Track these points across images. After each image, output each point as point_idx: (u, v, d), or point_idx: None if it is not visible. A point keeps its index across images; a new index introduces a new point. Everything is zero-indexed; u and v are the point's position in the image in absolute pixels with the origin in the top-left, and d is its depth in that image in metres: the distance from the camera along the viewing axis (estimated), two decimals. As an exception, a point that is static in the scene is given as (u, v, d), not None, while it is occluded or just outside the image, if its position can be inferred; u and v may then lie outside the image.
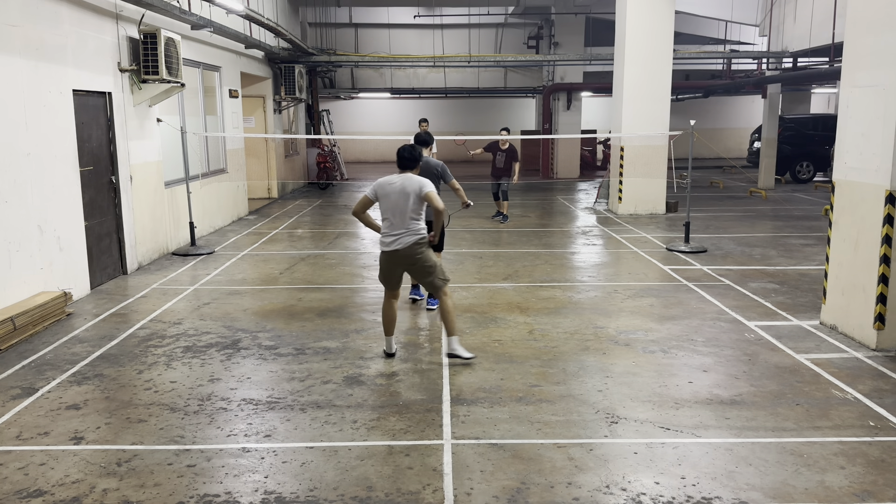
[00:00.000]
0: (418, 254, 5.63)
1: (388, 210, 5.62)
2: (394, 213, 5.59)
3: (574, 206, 15.58)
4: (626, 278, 8.62)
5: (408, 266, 5.72)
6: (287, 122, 18.83)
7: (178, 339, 6.33)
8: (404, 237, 5.59)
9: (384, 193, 5.62)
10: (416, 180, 5.61)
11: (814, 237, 11.20)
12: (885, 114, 5.69)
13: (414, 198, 5.55)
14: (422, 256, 5.65)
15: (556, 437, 4.36)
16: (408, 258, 5.64)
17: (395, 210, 5.57)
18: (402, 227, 5.59)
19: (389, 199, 5.59)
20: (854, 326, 6.16)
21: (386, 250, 5.67)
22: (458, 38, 25.02)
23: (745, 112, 30.29)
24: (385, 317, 5.83)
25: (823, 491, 3.73)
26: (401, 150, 5.71)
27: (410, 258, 5.63)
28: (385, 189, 5.62)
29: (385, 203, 5.63)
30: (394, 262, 5.69)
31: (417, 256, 5.63)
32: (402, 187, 5.57)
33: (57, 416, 4.72)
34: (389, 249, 5.63)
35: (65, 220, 7.43)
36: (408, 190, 5.56)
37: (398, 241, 5.59)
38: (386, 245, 5.66)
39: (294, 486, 3.80)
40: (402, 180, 5.61)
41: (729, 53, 19.80)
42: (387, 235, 5.66)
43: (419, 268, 5.70)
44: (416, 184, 5.58)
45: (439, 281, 5.73)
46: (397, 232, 5.60)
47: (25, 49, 6.76)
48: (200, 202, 11.40)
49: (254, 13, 12.98)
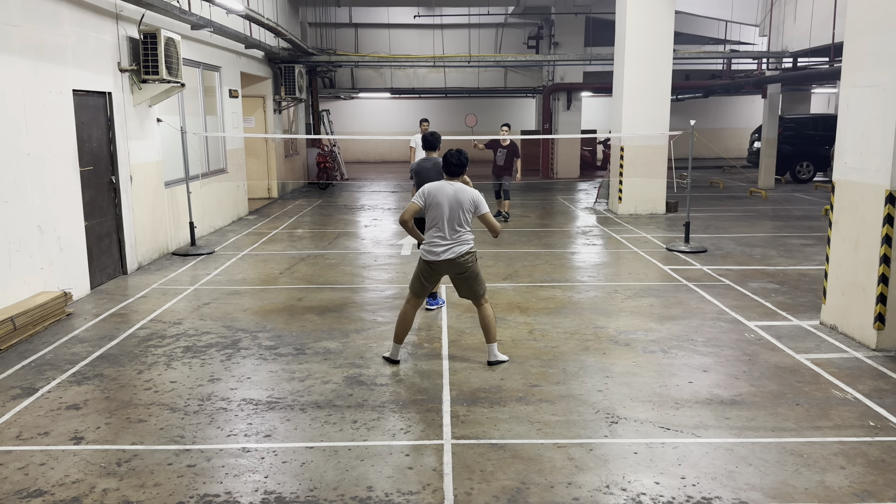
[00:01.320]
0: (469, 263, 5.49)
1: (439, 218, 5.43)
2: (445, 221, 5.41)
3: (574, 206, 15.58)
4: (626, 278, 8.62)
5: (455, 275, 5.55)
6: (287, 122, 18.83)
7: (178, 339, 6.33)
8: (455, 247, 5.43)
9: (435, 202, 5.43)
10: (469, 193, 5.45)
11: (814, 237, 11.20)
12: (885, 114, 5.69)
13: (466, 210, 5.41)
14: (472, 266, 5.52)
15: (556, 437, 4.36)
16: (457, 267, 5.48)
17: (447, 219, 5.40)
18: (454, 237, 5.44)
19: (440, 208, 5.41)
20: (854, 326, 6.16)
21: (434, 259, 5.46)
22: (458, 38, 25.02)
23: (745, 112, 30.29)
24: (403, 323, 5.66)
25: (823, 491, 3.73)
26: (448, 157, 5.55)
27: (460, 267, 5.48)
28: (436, 197, 5.43)
29: (435, 211, 5.44)
30: (439, 272, 5.53)
31: (468, 265, 5.49)
32: (455, 196, 5.41)
33: (57, 416, 4.72)
34: (439, 259, 5.44)
35: (65, 220, 7.43)
36: (461, 200, 5.40)
37: (450, 250, 5.43)
38: (435, 254, 5.45)
39: (294, 486, 3.80)
40: (454, 189, 5.44)
41: (729, 53, 19.80)
42: (435, 244, 5.46)
43: (466, 277, 5.54)
44: (469, 197, 5.43)
45: (482, 290, 5.62)
46: (448, 242, 5.43)
47: (25, 49, 6.76)
48: (200, 202, 11.40)
49: (254, 13, 12.98)
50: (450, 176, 5.57)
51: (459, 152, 5.57)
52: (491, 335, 5.64)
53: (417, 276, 5.63)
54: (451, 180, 5.55)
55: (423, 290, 5.65)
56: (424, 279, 5.60)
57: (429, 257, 5.49)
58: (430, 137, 7.11)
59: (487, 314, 5.61)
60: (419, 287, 5.64)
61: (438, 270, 5.53)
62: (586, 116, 26.20)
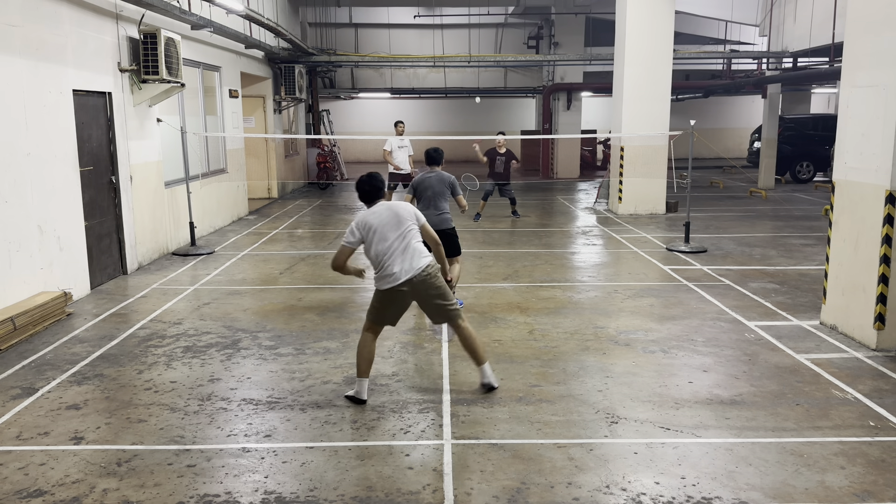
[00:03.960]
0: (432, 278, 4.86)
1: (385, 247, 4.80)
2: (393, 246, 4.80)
3: (574, 206, 15.58)
4: (626, 278, 8.61)
5: (421, 296, 4.89)
6: (287, 122, 18.83)
7: (178, 339, 6.33)
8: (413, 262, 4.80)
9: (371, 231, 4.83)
10: (405, 206, 4.97)
11: (814, 237, 11.20)
12: (885, 114, 5.69)
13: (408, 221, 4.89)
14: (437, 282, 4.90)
15: (556, 437, 4.36)
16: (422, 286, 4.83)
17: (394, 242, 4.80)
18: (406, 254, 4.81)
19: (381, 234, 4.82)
20: (854, 326, 6.16)
21: (392, 286, 4.79)
22: (458, 38, 25.02)
23: (745, 112, 30.29)
24: (365, 355, 4.89)
25: (823, 491, 3.73)
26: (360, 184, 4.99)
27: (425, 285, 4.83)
28: (371, 226, 4.83)
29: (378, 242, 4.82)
30: (403, 298, 4.87)
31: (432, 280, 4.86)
32: (394, 214, 4.87)
33: (57, 416, 4.72)
34: (399, 282, 4.77)
35: (65, 220, 7.43)
36: (400, 215, 4.88)
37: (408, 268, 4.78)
38: (393, 279, 4.77)
39: (294, 486, 3.80)
40: (387, 208, 4.91)
41: (729, 53, 19.80)
42: (390, 270, 4.79)
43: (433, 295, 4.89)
44: (407, 210, 4.94)
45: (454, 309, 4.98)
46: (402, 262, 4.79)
47: (25, 49, 6.76)
48: (200, 202, 11.40)
49: (254, 13, 12.98)
50: (370, 202, 4.98)
51: (370, 177, 4.99)
52: (479, 356, 5.01)
53: (376, 306, 4.94)
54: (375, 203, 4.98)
55: (382, 320, 4.96)
56: (388, 308, 4.92)
57: (387, 285, 4.80)
58: (432, 153, 7.20)
59: (469, 334, 4.97)
60: (378, 316, 4.95)
61: (401, 297, 4.84)
62: (586, 116, 26.21)
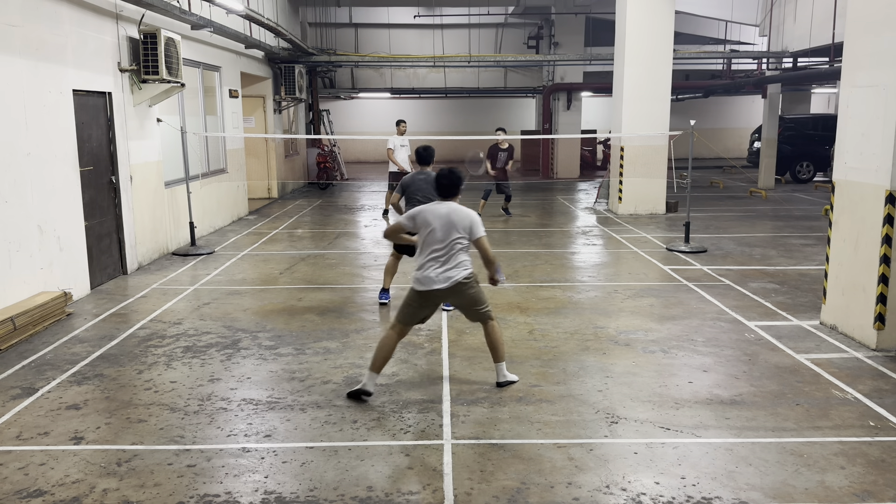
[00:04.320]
0: (469, 289, 4.99)
1: (430, 243, 4.92)
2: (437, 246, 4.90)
3: (574, 206, 15.58)
4: (626, 278, 8.61)
5: (455, 303, 5.09)
6: (287, 122, 18.83)
7: (178, 339, 6.33)
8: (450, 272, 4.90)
9: (425, 223, 4.92)
10: (465, 213, 4.94)
11: (814, 237, 11.20)
12: (885, 114, 5.69)
13: (461, 231, 4.91)
14: (473, 293, 5.03)
15: (556, 437, 4.36)
16: (456, 295, 4.97)
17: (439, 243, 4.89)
18: (448, 262, 4.90)
19: (432, 231, 4.90)
20: (854, 326, 6.16)
21: (425, 289, 4.91)
22: (458, 38, 25.02)
23: (745, 112, 30.28)
24: (384, 352, 4.99)
25: (823, 491, 3.73)
26: (440, 177, 5.04)
27: (460, 295, 4.98)
28: (426, 218, 4.92)
29: (426, 235, 4.93)
30: (433, 301, 4.99)
31: (469, 291, 4.99)
32: (449, 217, 4.90)
33: (57, 416, 4.72)
34: (432, 289, 4.89)
35: (65, 220, 7.43)
36: (454, 221, 4.90)
37: (443, 277, 4.89)
38: (427, 283, 4.89)
39: (294, 486, 3.80)
40: (447, 209, 4.93)
41: (729, 53, 19.80)
42: (428, 272, 4.91)
43: (467, 304, 5.06)
44: (465, 218, 4.92)
45: (487, 311, 5.14)
46: (441, 268, 4.90)
47: (25, 49, 6.76)
48: (200, 202, 11.40)
49: (254, 13, 12.98)
50: (442, 197, 5.06)
51: (451, 172, 5.03)
52: (499, 354, 5.19)
53: (407, 304, 5.04)
54: (443, 200, 5.04)
55: (411, 320, 5.06)
56: (415, 309, 5.02)
57: (420, 287, 4.92)
58: (422, 152, 7.02)
59: (495, 333, 5.17)
60: (408, 316, 5.04)
61: (431, 300, 4.97)
62: (586, 116, 26.20)
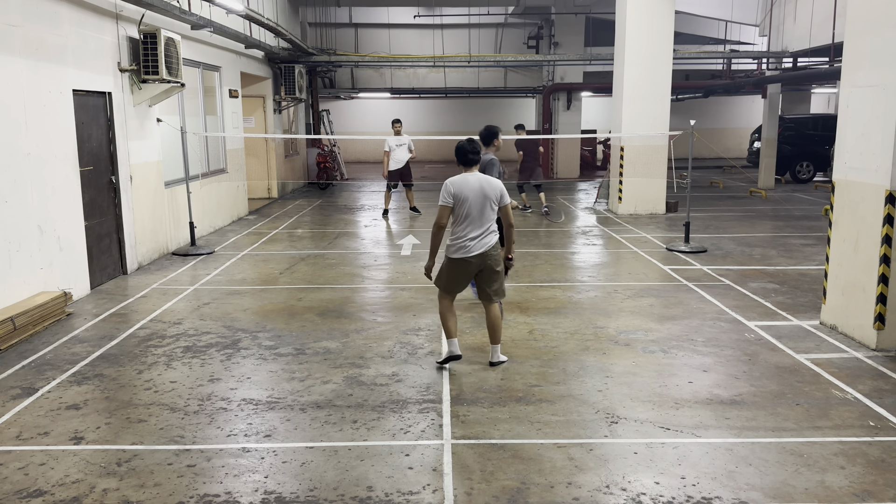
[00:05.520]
0: (497, 254, 5.42)
1: (467, 213, 5.27)
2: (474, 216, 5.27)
3: (574, 206, 15.58)
4: (626, 278, 8.62)
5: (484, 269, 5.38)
6: (287, 122, 18.83)
7: (178, 339, 6.33)
8: (486, 238, 5.32)
9: (462, 197, 5.25)
10: (496, 183, 5.35)
11: (814, 237, 11.20)
12: (885, 114, 5.69)
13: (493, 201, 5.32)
14: (499, 257, 5.46)
15: (556, 437, 4.36)
16: (488, 259, 5.34)
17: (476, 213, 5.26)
18: (483, 230, 5.30)
19: (468, 203, 5.25)
20: (854, 326, 6.16)
21: (465, 256, 5.29)
22: (458, 38, 25.02)
23: (745, 112, 30.29)
24: (449, 318, 5.45)
25: (823, 491, 3.73)
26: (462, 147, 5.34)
27: (491, 259, 5.35)
28: (463, 191, 5.25)
29: (463, 207, 5.26)
30: (472, 268, 5.36)
31: (497, 256, 5.42)
32: (482, 188, 5.26)
33: (57, 416, 4.72)
34: (471, 255, 5.28)
35: (65, 220, 7.43)
36: (487, 191, 5.28)
37: (481, 243, 5.30)
38: (467, 250, 5.28)
39: (294, 486, 3.80)
40: (478, 181, 5.30)
41: (729, 53, 19.79)
42: (466, 241, 5.28)
43: (493, 269, 5.40)
44: (496, 187, 5.32)
45: (503, 286, 5.54)
46: (478, 236, 5.29)
47: (25, 49, 6.76)
48: (200, 202, 11.40)
49: (254, 13, 12.98)
50: (468, 166, 5.36)
51: (471, 140, 5.40)
52: (497, 336, 5.55)
53: (446, 274, 5.45)
54: (470, 170, 5.36)
55: (456, 288, 5.50)
56: (457, 277, 5.42)
57: (460, 254, 5.31)
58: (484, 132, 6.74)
59: (496, 315, 5.51)
60: (451, 285, 5.46)
61: (471, 267, 5.37)
62: (586, 116, 26.20)
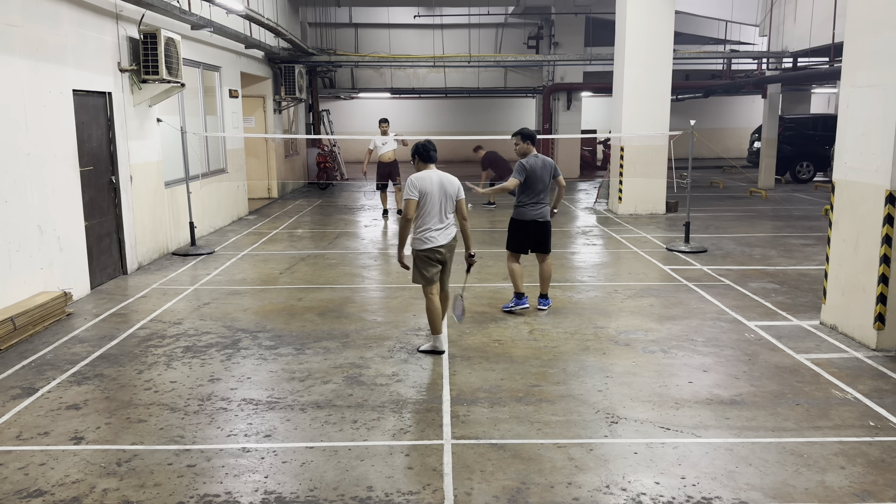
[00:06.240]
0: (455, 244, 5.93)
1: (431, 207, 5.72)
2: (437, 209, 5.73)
3: (574, 206, 15.58)
4: (626, 278, 8.61)
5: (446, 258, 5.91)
6: (287, 122, 18.83)
7: (178, 339, 6.34)
8: (448, 230, 5.82)
9: (426, 192, 5.70)
10: (454, 180, 5.82)
11: (814, 237, 11.20)
12: (885, 114, 5.69)
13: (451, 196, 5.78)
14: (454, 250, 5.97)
15: (556, 437, 4.36)
16: (450, 250, 5.88)
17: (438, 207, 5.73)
18: (444, 222, 5.79)
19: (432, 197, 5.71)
20: (854, 326, 6.16)
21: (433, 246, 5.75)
22: (458, 38, 25.02)
23: (745, 112, 30.28)
24: (436, 312, 5.85)
25: (823, 491, 3.73)
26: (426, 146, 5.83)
27: (451, 250, 5.89)
28: (426, 187, 5.69)
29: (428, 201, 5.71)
30: (439, 257, 5.83)
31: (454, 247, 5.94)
32: (442, 184, 5.73)
33: (57, 416, 4.72)
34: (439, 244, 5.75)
35: (65, 220, 7.43)
36: (446, 187, 5.74)
37: (445, 234, 5.79)
38: (434, 241, 5.74)
39: (294, 486, 3.80)
40: (439, 177, 5.75)
41: (729, 53, 19.79)
42: (432, 232, 5.74)
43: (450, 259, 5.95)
44: (455, 184, 5.81)
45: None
46: (441, 227, 5.77)
47: (25, 49, 6.76)
48: (200, 202, 11.40)
49: (254, 13, 12.98)
50: (428, 163, 5.82)
51: (429, 140, 5.90)
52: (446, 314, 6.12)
53: (421, 268, 5.80)
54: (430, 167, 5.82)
55: (434, 278, 5.85)
56: (430, 267, 5.79)
57: (427, 245, 5.74)
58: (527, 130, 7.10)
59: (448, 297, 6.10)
60: (426, 278, 5.82)
61: (440, 256, 5.80)
62: (586, 116, 26.20)
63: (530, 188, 6.78)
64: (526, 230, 6.87)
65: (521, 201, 6.85)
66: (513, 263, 7.02)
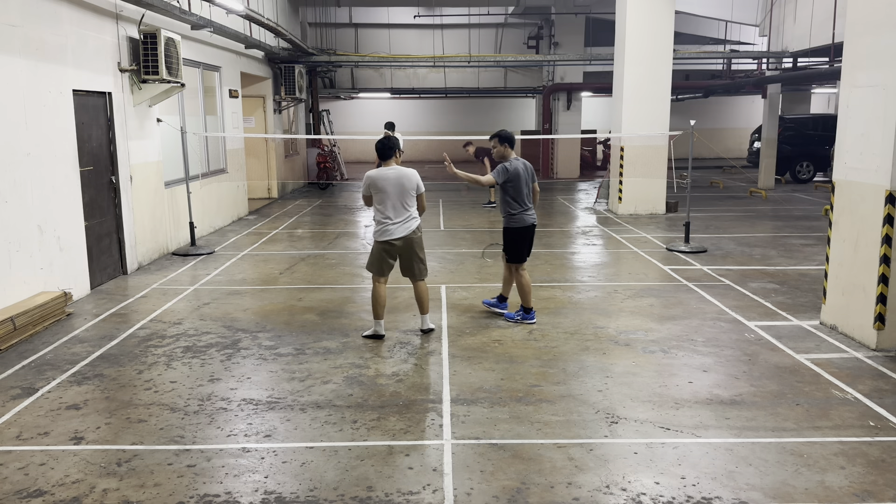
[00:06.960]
0: (418, 237, 6.18)
1: (384, 202, 6.02)
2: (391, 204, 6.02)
3: (574, 206, 15.58)
4: (626, 278, 8.62)
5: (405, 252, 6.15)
6: (287, 122, 18.83)
7: (178, 339, 6.34)
8: (407, 224, 6.07)
9: (378, 188, 6.01)
10: (411, 175, 6.09)
11: (814, 237, 11.20)
12: (885, 114, 5.70)
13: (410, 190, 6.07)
14: (420, 241, 6.22)
15: (556, 437, 4.36)
16: (409, 243, 6.11)
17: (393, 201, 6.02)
18: (402, 216, 6.05)
19: (385, 193, 5.99)
20: (854, 326, 6.16)
21: (389, 239, 6.05)
22: (458, 38, 25.02)
23: (745, 112, 30.29)
24: (380, 300, 6.19)
25: (823, 491, 3.73)
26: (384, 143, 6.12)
27: (412, 243, 6.12)
28: (377, 183, 6.00)
29: (381, 196, 6.02)
30: (396, 250, 6.10)
31: (417, 239, 6.17)
32: (398, 180, 6.01)
33: (57, 416, 4.72)
34: (394, 237, 6.04)
35: (65, 220, 7.43)
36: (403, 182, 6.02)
37: (402, 228, 6.04)
38: (389, 234, 6.04)
39: (294, 486, 3.80)
40: (395, 173, 6.03)
41: (729, 53, 19.80)
42: (388, 226, 6.04)
43: (414, 252, 6.18)
44: (413, 179, 6.08)
45: (425, 269, 6.33)
46: (398, 221, 6.04)
47: (25, 49, 6.76)
48: (200, 202, 11.40)
49: (254, 13, 12.98)
50: (386, 160, 6.11)
51: (388, 137, 6.17)
52: (425, 308, 6.37)
53: (376, 258, 6.15)
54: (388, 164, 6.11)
55: (385, 270, 6.19)
56: (384, 259, 6.15)
57: (385, 237, 6.07)
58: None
59: (423, 289, 6.32)
60: (377, 267, 6.18)
61: (395, 249, 6.12)
62: (586, 116, 26.19)
63: (518, 193, 6.64)
64: (525, 236, 6.78)
65: (514, 209, 6.67)
66: (524, 273, 6.77)
